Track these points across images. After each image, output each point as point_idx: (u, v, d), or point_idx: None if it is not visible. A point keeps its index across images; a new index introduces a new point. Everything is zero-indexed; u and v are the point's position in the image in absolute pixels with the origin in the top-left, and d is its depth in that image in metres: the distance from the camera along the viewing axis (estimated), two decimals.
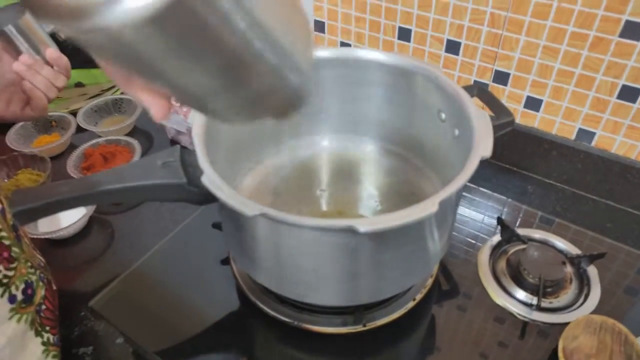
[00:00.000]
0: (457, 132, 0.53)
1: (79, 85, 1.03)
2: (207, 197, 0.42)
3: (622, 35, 0.62)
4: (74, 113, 0.90)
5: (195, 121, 0.49)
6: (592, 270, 0.58)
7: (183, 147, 0.48)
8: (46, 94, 0.52)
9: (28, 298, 0.49)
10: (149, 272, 0.64)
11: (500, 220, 0.63)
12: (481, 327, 0.55)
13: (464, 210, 0.71)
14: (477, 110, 0.49)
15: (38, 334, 0.51)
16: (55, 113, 0.90)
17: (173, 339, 0.56)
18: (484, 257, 0.61)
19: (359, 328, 0.53)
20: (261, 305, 0.55)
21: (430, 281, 0.57)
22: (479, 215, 0.70)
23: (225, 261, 0.63)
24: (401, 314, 0.54)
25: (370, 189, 0.63)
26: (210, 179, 0.42)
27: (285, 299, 0.54)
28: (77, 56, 0.97)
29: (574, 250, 0.61)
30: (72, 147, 0.84)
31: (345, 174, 0.65)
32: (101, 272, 0.65)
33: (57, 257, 0.68)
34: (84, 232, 0.72)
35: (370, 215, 0.60)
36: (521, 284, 0.57)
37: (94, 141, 0.82)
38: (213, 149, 0.50)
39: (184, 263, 0.64)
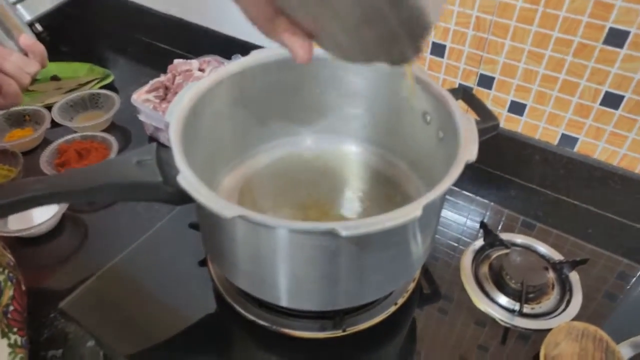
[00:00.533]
0: (441, 134, 0.52)
1: (54, 78, 1.00)
2: (184, 198, 0.40)
3: (605, 42, 0.62)
4: (48, 107, 0.87)
5: (173, 118, 0.47)
6: (574, 276, 0.58)
7: (160, 145, 0.46)
8: (18, 81, 0.50)
9: None
10: (124, 272, 0.62)
11: (483, 225, 0.62)
12: (462, 331, 0.54)
13: (446, 213, 0.70)
14: (462, 114, 0.49)
15: (4, 335, 0.48)
16: (29, 107, 0.87)
17: (146, 342, 0.54)
18: (466, 261, 0.60)
19: (339, 333, 0.52)
20: (239, 309, 0.54)
21: (412, 285, 0.56)
22: (461, 219, 0.70)
23: (203, 262, 0.61)
24: (382, 318, 0.53)
25: (353, 191, 0.62)
26: (187, 179, 0.40)
27: (264, 302, 0.53)
28: (55, 49, 0.94)
29: (556, 255, 0.61)
30: (46, 142, 0.82)
31: (329, 175, 0.64)
32: (73, 272, 0.63)
33: (28, 256, 0.66)
34: (57, 230, 0.69)
35: (354, 217, 0.59)
36: (503, 289, 0.56)
37: (68, 137, 0.80)
38: (191, 148, 0.48)
39: (160, 264, 0.62)
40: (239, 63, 0.55)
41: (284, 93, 0.59)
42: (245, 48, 0.62)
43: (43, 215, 0.67)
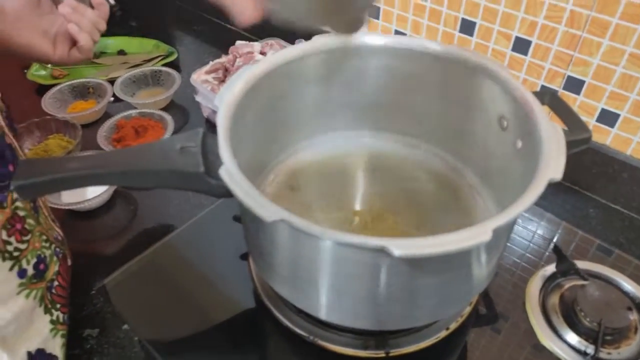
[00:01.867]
0: (520, 144, 0.46)
1: (121, 52, 1.00)
2: (226, 191, 0.37)
3: None
4: (112, 81, 0.87)
5: (223, 103, 0.44)
6: None
7: (208, 132, 0.43)
8: (92, 37, 0.50)
9: (40, 273, 0.47)
10: (165, 257, 0.61)
11: (557, 249, 0.55)
12: None
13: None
14: (549, 123, 0.42)
15: (47, 311, 0.48)
16: (93, 79, 0.87)
17: (176, 332, 0.52)
18: (534, 288, 0.53)
19: (381, 354, 0.47)
20: (275, 312, 0.50)
21: (468, 309, 0.51)
22: (528, 234, 0.63)
23: (244, 257, 0.58)
24: (431, 343, 0.48)
25: (411, 197, 0.57)
26: (229, 172, 0.37)
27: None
28: (124, 23, 0.94)
29: None
30: (107, 116, 0.82)
31: (385, 177, 0.58)
32: (118, 250, 0.62)
33: (77, 230, 0.66)
34: (107, 205, 0.69)
35: (408, 227, 0.53)
36: (575, 326, 0.49)
37: (126, 112, 0.79)
38: (239, 137, 0.44)
39: (202, 252, 0.60)
40: (297, 48, 0.50)
41: (344, 83, 0.54)
42: (310, 34, 0.58)
43: (96, 190, 0.67)
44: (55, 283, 0.50)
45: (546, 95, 0.49)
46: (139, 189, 0.70)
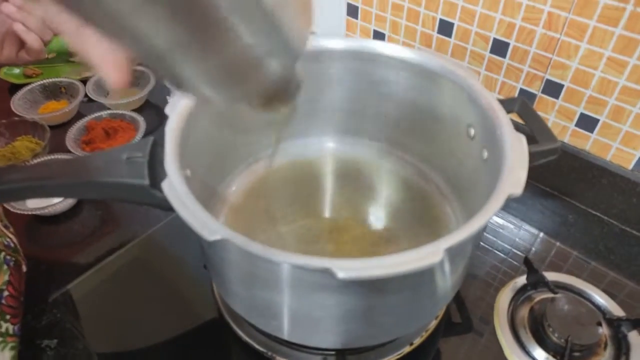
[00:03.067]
0: (486, 154, 0.44)
1: None
2: None
3: None
4: (85, 81, 0.85)
5: (174, 111, 0.42)
6: (635, 338, 0.48)
7: (160, 141, 0.41)
8: (41, 36, 0.48)
9: None
10: (129, 263, 0.59)
11: (527, 260, 0.53)
12: None
13: (488, 231, 0.62)
14: (512, 133, 0.40)
15: None
16: (65, 79, 0.85)
17: (133, 345, 0.51)
18: (503, 300, 0.52)
19: None
20: (234, 327, 0.49)
21: (433, 323, 0.49)
22: (508, 238, 0.61)
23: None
24: (394, 359, 0.46)
25: (379, 203, 0.55)
26: (172, 186, 0.35)
27: None
28: None
29: (613, 307, 0.51)
30: (79, 116, 0.79)
31: (352, 183, 0.56)
32: (82, 257, 0.60)
33: (40, 236, 0.64)
34: (74, 210, 0.67)
35: (375, 238, 0.51)
36: (543, 342, 0.47)
37: (97, 114, 0.77)
38: (196, 145, 0.43)
39: (167, 259, 0.59)
40: None
41: (305, 88, 0.52)
42: None
43: None
44: (5, 293, 0.48)
45: (516, 103, 0.47)
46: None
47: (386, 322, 0.39)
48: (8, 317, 0.48)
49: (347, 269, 0.30)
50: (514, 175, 0.37)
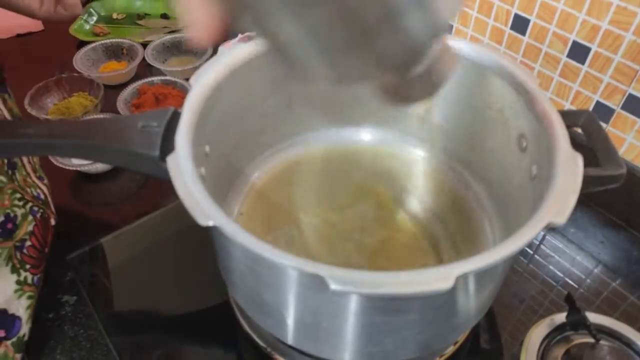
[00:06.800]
0: (535, 171, 0.38)
1: (164, 16, 0.99)
2: None
3: None
4: (145, 45, 0.86)
5: (198, 82, 0.40)
6: None
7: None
8: None
9: (6, 232, 0.46)
10: (157, 229, 0.58)
11: (569, 297, 0.47)
12: None
13: (540, 252, 0.56)
14: (568, 151, 0.34)
15: (15, 271, 0.47)
16: (127, 40, 0.86)
17: (147, 307, 0.51)
18: (535, 335, 0.46)
19: None
20: (239, 317, 0.47)
21: (451, 349, 0.44)
22: (561, 265, 0.55)
23: None
24: None
25: (412, 207, 0.50)
26: (177, 160, 0.33)
27: None
28: None
29: None
30: (137, 78, 0.81)
31: (386, 181, 0.52)
32: (118, 215, 0.61)
33: (82, 192, 0.66)
34: (116, 171, 0.68)
35: (399, 245, 0.47)
36: None
37: (150, 79, 0.77)
38: (220, 122, 0.41)
39: (194, 229, 0.58)
40: None
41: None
42: None
43: None
44: (28, 243, 0.48)
45: (582, 116, 0.41)
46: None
47: (389, 342, 0.36)
48: (28, 266, 0.49)
49: (342, 280, 0.27)
50: (560, 201, 0.31)
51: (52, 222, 0.54)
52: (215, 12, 0.21)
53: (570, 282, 0.54)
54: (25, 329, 0.47)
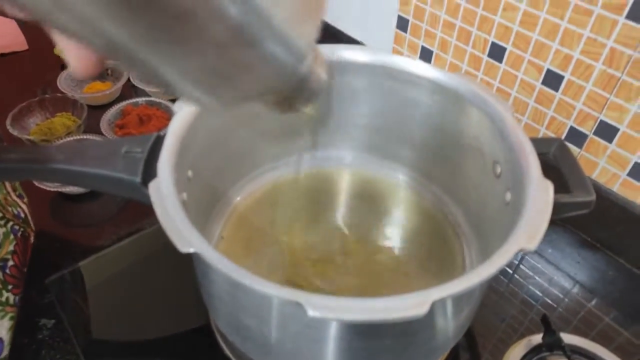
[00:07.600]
0: (509, 197, 0.40)
1: None
2: None
3: None
4: None
5: (182, 109, 0.40)
6: None
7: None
8: None
9: None
10: (141, 250, 0.58)
11: (544, 318, 0.48)
12: None
13: (519, 272, 0.57)
14: (539, 179, 0.36)
15: None
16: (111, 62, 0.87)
17: (128, 332, 0.50)
18: (514, 356, 0.47)
19: None
20: (220, 341, 0.47)
21: None
22: (540, 285, 0.56)
23: None
24: None
25: (392, 230, 0.51)
26: (159, 186, 0.33)
27: None
28: None
29: None
30: (121, 99, 0.81)
31: (366, 204, 0.53)
32: (97, 237, 0.60)
33: (62, 213, 0.65)
34: (97, 192, 0.68)
35: (380, 267, 0.48)
36: None
37: (134, 100, 0.78)
38: (203, 147, 0.41)
39: (173, 253, 0.58)
40: None
41: (323, 98, 0.50)
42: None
43: None
44: (10, 263, 0.48)
45: (554, 145, 0.43)
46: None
47: None
48: (10, 287, 0.48)
49: (320, 306, 0.27)
50: (532, 228, 0.32)
51: (32, 240, 0.54)
52: (86, 52, 0.22)
53: (549, 301, 0.55)
54: (6, 352, 0.46)
